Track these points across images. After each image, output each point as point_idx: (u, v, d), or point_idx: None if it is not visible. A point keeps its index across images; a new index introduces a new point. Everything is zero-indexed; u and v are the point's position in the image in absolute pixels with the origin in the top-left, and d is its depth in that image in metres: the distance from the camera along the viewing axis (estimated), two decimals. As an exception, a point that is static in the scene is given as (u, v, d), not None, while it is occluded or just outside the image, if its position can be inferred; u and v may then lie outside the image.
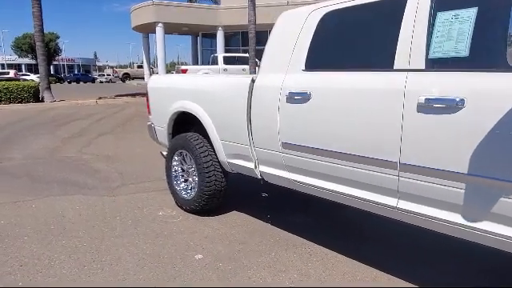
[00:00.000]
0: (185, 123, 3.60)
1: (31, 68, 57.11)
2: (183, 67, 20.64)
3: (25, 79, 29.41)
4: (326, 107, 2.30)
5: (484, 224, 1.74)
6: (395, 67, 2.00)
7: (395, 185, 2.02)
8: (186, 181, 3.58)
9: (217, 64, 19.76)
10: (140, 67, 47.17)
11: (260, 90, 2.72)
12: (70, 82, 49.04)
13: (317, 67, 2.44)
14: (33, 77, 36.18)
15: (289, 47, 2.61)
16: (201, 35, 32.98)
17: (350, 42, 2.33)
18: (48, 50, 19.10)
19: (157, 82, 3.99)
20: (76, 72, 65.31)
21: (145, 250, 2.76)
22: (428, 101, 1.82)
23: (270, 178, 2.88)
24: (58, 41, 56.10)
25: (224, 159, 3.14)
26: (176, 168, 3.64)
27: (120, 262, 2.59)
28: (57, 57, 59.53)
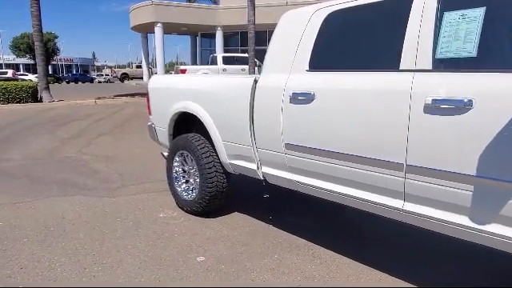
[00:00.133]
0: (186, 124, 3.58)
1: (29, 68, 56.91)
2: (182, 67, 20.57)
3: (23, 79, 29.29)
4: (330, 108, 2.27)
5: (492, 226, 1.72)
6: (401, 68, 1.98)
7: (401, 186, 2.00)
8: (187, 182, 3.55)
9: (216, 64, 19.70)
10: (139, 67, 47.10)
11: (263, 91, 2.70)
12: (69, 82, 48.92)
13: (321, 67, 2.41)
14: (31, 77, 36.10)
15: (292, 47, 2.58)
16: (200, 35, 32.94)
17: (355, 42, 2.30)
18: (46, 50, 19.01)
19: (157, 83, 3.95)
20: (74, 72, 65.10)
21: (146, 252, 2.73)
22: (435, 102, 1.80)
23: (273, 180, 2.85)
24: (57, 41, 55.97)
25: (226, 160, 3.11)
26: (177, 169, 3.61)
27: (121, 265, 2.56)
28: (55, 57, 59.36)
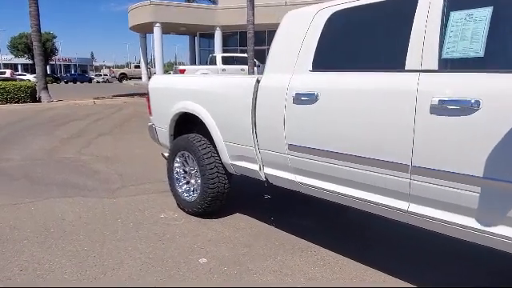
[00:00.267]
0: (186, 124, 3.55)
1: (27, 68, 56.78)
2: (181, 67, 20.56)
3: (21, 79, 29.24)
4: (335, 108, 2.25)
5: (499, 228, 1.70)
6: (406, 68, 1.96)
7: (407, 188, 1.98)
8: (188, 183, 3.52)
9: (215, 64, 19.69)
10: (137, 67, 46.95)
11: (265, 91, 2.67)
12: (67, 82, 48.80)
13: (324, 67, 2.39)
14: (29, 77, 36.02)
15: (295, 47, 2.56)
16: (198, 35, 32.88)
17: (359, 42, 2.28)
18: (45, 50, 18.94)
19: (158, 83, 3.92)
20: (73, 72, 64.97)
21: (148, 254, 2.71)
22: (442, 102, 1.78)
23: (276, 181, 2.83)
24: (55, 41, 55.84)
25: (227, 161, 3.09)
26: (178, 170, 3.59)
27: (122, 267, 2.53)
28: (53, 57, 59.20)
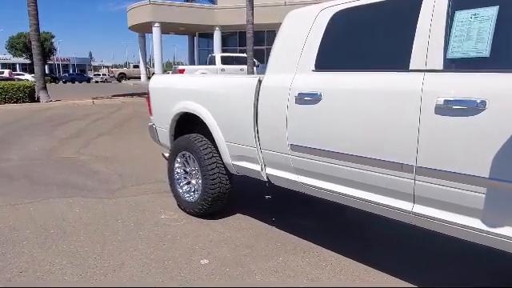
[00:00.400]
0: (187, 124, 3.53)
1: (26, 67, 56.64)
2: (180, 67, 20.53)
3: (20, 79, 29.17)
4: (338, 109, 2.23)
5: (505, 230, 1.68)
6: (411, 68, 1.94)
7: (411, 189, 1.96)
8: (189, 183, 3.50)
9: (214, 64, 19.68)
10: (136, 67, 46.90)
11: (267, 91, 2.66)
12: (65, 82, 48.66)
13: (328, 67, 2.37)
14: (28, 76, 35.95)
15: (297, 47, 2.54)
16: (198, 35, 32.88)
17: (363, 42, 2.26)
18: (43, 50, 18.89)
19: (158, 82, 3.90)
20: (71, 72, 64.76)
21: (149, 255, 2.69)
22: (447, 102, 1.76)
23: (277, 181, 2.81)
24: (53, 40, 55.72)
25: (229, 161, 3.07)
26: (178, 170, 3.57)
27: (123, 268, 2.51)
28: (52, 56, 58.97)
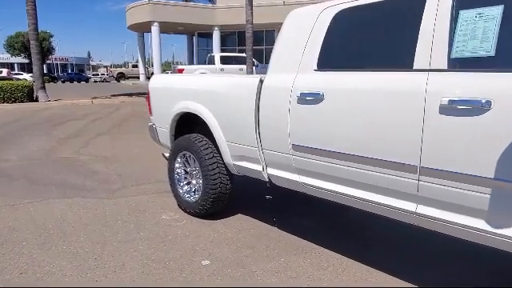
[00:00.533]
0: (187, 124, 3.51)
1: (24, 67, 56.47)
2: (180, 67, 20.50)
3: (18, 78, 29.07)
4: (340, 109, 2.22)
5: (510, 231, 1.67)
6: (415, 67, 1.93)
7: (415, 189, 1.95)
8: (190, 183, 3.49)
9: (214, 64, 19.65)
10: (135, 66, 46.89)
11: (269, 91, 2.64)
12: (64, 82, 48.61)
13: (330, 67, 2.35)
14: (26, 76, 35.85)
15: (299, 46, 2.52)
16: (197, 35, 32.84)
17: (366, 41, 2.25)
18: (41, 49, 18.82)
19: (159, 82, 3.88)
20: (70, 71, 64.77)
21: (149, 256, 2.67)
22: (451, 102, 1.75)
23: (279, 181, 2.80)
24: (52, 40, 55.56)
25: (230, 161, 3.05)
26: (179, 170, 3.55)
27: (124, 269, 2.49)
28: (50, 56, 58.83)
